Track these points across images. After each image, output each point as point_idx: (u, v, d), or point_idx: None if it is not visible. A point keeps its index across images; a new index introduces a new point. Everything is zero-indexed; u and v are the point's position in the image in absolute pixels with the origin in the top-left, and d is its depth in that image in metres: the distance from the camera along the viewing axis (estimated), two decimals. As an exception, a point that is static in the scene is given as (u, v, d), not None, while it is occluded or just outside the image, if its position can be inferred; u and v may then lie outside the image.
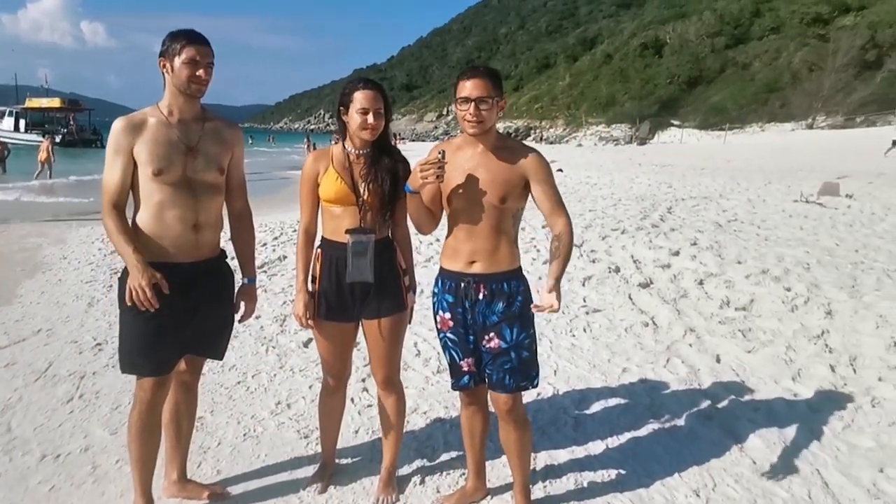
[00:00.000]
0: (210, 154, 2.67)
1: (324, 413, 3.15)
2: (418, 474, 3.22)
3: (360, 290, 2.80)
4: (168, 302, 2.57)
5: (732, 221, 10.28)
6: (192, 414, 3.03)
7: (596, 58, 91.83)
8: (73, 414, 3.85)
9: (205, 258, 2.72)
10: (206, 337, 2.83)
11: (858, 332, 4.95)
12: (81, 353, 4.83)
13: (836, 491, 3.04)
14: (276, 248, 8.83)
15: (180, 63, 2.52)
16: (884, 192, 14.31)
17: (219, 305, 2.84)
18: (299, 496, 3.04)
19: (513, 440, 2.78)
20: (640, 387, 4.28)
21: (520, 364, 2.64)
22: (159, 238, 2.60)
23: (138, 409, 2.68)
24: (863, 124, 42.82)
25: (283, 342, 5.11)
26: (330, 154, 2.83)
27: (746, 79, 60.81)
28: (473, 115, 2.48)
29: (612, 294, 6.30)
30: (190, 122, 2.65)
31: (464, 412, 2.95)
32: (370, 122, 2.67)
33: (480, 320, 2.66)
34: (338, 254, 2.78)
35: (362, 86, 2.71)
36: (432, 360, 4.70)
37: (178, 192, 2.59)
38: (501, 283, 2.64)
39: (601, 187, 17.23)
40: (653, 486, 3.12)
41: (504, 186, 2.56)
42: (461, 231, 2.66)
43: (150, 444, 2.75)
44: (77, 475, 3.19)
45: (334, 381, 3.04)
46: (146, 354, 2.62)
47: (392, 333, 2.89)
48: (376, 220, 2.77)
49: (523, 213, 2.72)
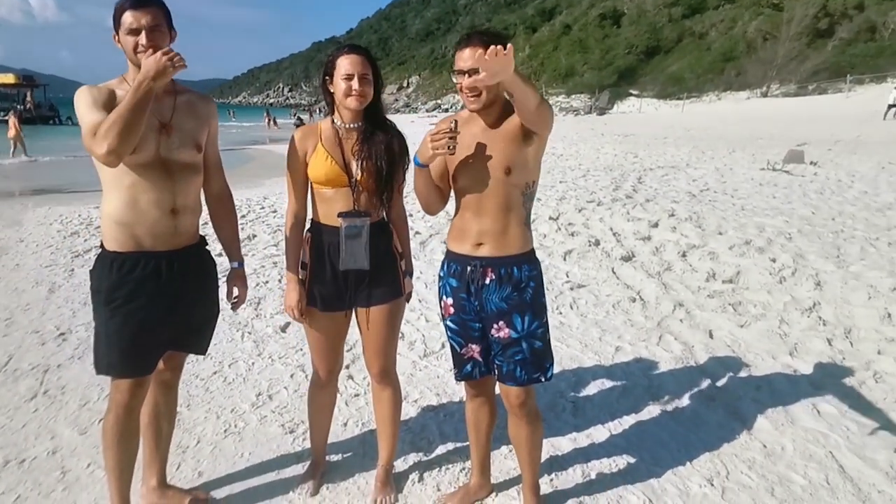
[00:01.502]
0: (185, 130, 2.36)
1: (314, 409, 2.91)
2: (416, 470, 3.01)
3: (354, 277, 2.56)
4: (147, 296, 2.31)
5: (705, 191, 10.22)
6: (172, 414, 2.77)
7: (555, 28, 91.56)
8: (37, 412, 3.54)
9: (184, 245, 2.44)
10: (190, 331, 2.57)
11: (850, 304, 4.88)
12: (44, 343, 4.47)
13: (854, 475, 2.91)
14: (245, 226, 8.43)
15: (123, 34, 2.20)
16: (844, 158, 14.48)
17: (202, 296, 2.57)
18: (289, 498, 2.80)
19: (524, 436, 2.57)
20: (636, 366, 4.11)
21: (532, 355, 2.42)
22: (133, 225, 2.29)
23: (114, 412, 2.39)
24: (815, 92, 43.55)
25: (259, 327, 4.82)
26: (318, 130, 2.55)
27: (703, 48, 61.36)
28: (468, 88, 2.22)
29: (594, 268, 6.13)
30: (161, 95, 2.28)
31: (469, 404, 2.72)
32: (355, 87, 2.41)
33: (489, 307, 2.42)
34: (330, 239, 2.52)
35: (347, 50, 2.46)
36: (417, 343, 4.47)
37: (151, 173, 2.27)
38: (511, 267, 2.39)
39: (567, 158, 17.08)
40: (664, 475, 2.95)
41: (507, 154, 2.30)
42: (468, 210, 2.40)
43: (128, 451, 2.47)
44: (45, 482, 2.91)
45: (326, 374, 2.80)
46: (125, 354, 2.33)
47: (388, 322, 2.67)
48: (371, 201, 2.52)
49: (536, 191, 2.47)
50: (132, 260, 2.29)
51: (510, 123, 2.33)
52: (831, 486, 2.84)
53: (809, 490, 2.82)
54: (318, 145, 2.50)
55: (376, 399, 2.84)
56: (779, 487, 2.84)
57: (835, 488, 2.82)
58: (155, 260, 2.33)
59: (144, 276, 2.31)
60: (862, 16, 48.52)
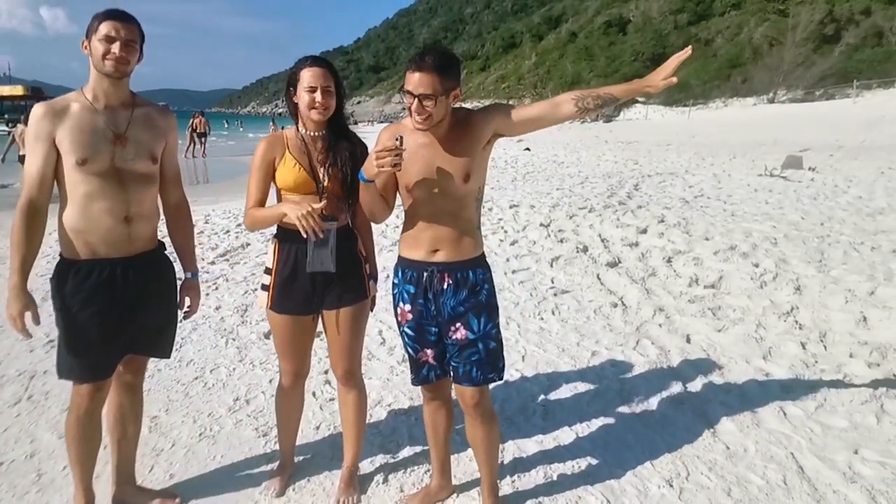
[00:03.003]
0: (141, 142, 2.46)
1: (281, 412, 2.97)
2: (381, 472, 3.07)
3: (321, 281, 2.65)
4: (103, 302, 2.40)
5: (699, 197, 10.25)
6: (137, 415, 2.83)
7: (561, 36, 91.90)
8: (20, 417, 3.63)
9: (139, 252, 2.52)
10: (146, 336, 2.63)
11: (828, 308, 4.90)
12: (33, 350, 4.56)
13: (812, 475, 2.95)
14: (239, 235, 8.52)
15: (96, 41, 2.31)
16: (844, 164, 14.46)
17: (158, 301, 2.64)
18: (255, 499, 2.87)
19: (479, 436, 2.62)
20: (611, 371, 4.16)
21: (487, 355, 2.49)
22: (87, 233, 2.39)
23: (75, 414, 2.52)
24: (822, 97, 43.37)
25: (243, 334, 4.89)
26: (284, 139, 2.64)
27: (709, 55, 61.32)
28: (417, 111, 2.26)
29: (580, 274, 6.17)
30: (118, 107, 2.43)
31: (426, 408, 2.78)
32: (318, 100, 2.50)
33: (445, 311, 2.48)
34: (297, 245, 2.60)
35: (309, 63, 2.54)
36: (397, 349, 4.52)
37: (105, 182, 2.37)
38: (467, 271, 2.47)
39: (568, 165, 17.14)
40: (624, 476, 2.99)
41: (467, 162, 2.36)
42: (421, 219, 2.47)
43: (89, 447, 2.60)
44: (20, 484, 2.98)
45: (293, 377, 2.86)
46: (81, 359, 2.44)
47: (353, 324, 2.75)
48: (337, 206, 2.61)
49: (484, 194, 2.54)
50: (87, 267, 2.38)
51: (468, 131, 2.39)
52: (788, 487, 2.87)
53: (766, 490, 2.85)
54: (286, 153, 2.59)
55: (342, 401, 2.91)
56: (736, 488, 2.88)
57: (791, 489, 2.86)
58: (110, 267, 2.42)
59: (100, 282, 2.40)
60: (868, 21, 48.45)
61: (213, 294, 5.90)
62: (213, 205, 10.85)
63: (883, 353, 4.15)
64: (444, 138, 2.40)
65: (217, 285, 6.19)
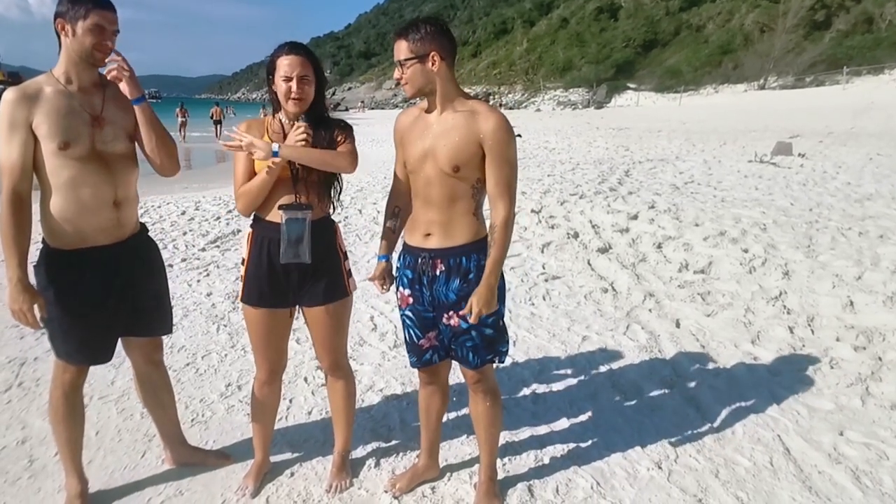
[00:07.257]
0: (117, 122, 2.44)
1: (256, 408, 2.84)
2: (373, 456, 3.09)
3: (297, 275, 2.56)
4: (99, 292, 2.40)
5: (689, 183, 10.28)
6: (167, 384, 2.93)
7: (552, 22, 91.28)
8: (10, 404, 3.62)
9: (128, 236, 2.52)
10: (142, 315, 2.63)
11: (815, 293, 4.95)
12: (23, 337, 4.54)
13: (798, 457, 2.99)
14: (230, 221, 8.50)
15: (84, 29, 2.27)
16: (833, 150, 14.50)
17: (150, 280, 2.66)
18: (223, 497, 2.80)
19: (481, 412, 2.63)
20: (601, 355, 4.19)
21: (483, 341, 2.48)
22: (76, 221, 2.35)
23: (62, 390, 2.52)
24: (812, 84, 43.44)
25: (235, 320, 4.89)
26: (265, 125, 2.59)
27: (700, 41, 61.13)
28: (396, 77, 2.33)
29: (570, 260, 6.20)
30: (90, 89, 2.40)
31: (422, 391, 2.79)
32: (294, 90, 2.43)
33: (439, 298, 2.47)
34: (270, 234, 2.51)
35: (286, 50, 2.44)
36: (388, 334, 4.53)
37: (89, 167, 2.34)
38: (459, 257, 2.42)
39: (559, 152, 17.13)
40: (614, 459, 3.03)
41: (456, 154, 2.31)
42: (418, 201, 2.46)
43: (76, 425, 2.64)
44: (12, 470, 2.98)
45: (268, 373, 2.74)
46: (82, 347, 2.47)
47: (336, 321, 2.69)
48: (314, 196, 2.54)
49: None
50: (77, 256, 2.36)
51: (469, 138, 2.30)
52: (774, 468, 2.92)
53: (753, 472, 2.90)
54: (265, 138, 2.52)
55: (330, 389, 2.88)
56: (724, 469, 2.92)
57: (777, 469, 2.91)
58: (100, 254, 2.41)
59: (93, 272, 2.39)
60: (859, 7, 48.39)
61: (204, 280, 5.90)
62: (203, 191, 10.83)
63: (869, 337, 4.21)
64: (442, 123, 2.36)
65: (208, 272, 6.18)
